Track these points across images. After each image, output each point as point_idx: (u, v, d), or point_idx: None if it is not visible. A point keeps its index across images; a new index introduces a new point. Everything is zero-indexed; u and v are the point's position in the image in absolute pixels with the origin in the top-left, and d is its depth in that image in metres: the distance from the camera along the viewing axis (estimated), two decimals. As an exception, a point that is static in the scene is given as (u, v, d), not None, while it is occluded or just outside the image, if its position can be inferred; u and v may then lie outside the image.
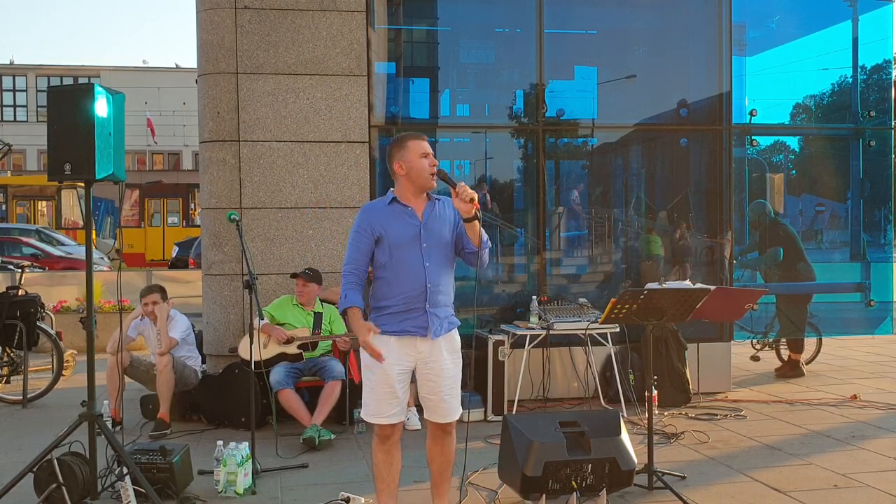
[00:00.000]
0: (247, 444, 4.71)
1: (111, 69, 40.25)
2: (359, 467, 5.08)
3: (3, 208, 25.52)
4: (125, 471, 4.23)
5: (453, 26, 8.09)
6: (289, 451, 5.35)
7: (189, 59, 71.23)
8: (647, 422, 4.79)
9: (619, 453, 4.11)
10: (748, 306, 5.53)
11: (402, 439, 3.85)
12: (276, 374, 5.79)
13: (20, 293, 7.24)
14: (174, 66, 41.77)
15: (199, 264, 12.04)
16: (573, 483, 4.02)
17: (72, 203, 24.83)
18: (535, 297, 6.69)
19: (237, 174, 6.49)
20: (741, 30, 7.97)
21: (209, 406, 6.20)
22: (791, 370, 7.98)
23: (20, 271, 7.81)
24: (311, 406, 5.80)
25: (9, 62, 41.60)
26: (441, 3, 7.80)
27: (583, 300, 6.91)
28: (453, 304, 3.80)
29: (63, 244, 21.12)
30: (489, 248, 3.75)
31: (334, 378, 5.85)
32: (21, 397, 7.05)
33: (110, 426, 5.40)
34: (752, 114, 7.65)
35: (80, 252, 19.48)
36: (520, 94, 7.87)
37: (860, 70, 8.54)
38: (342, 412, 6.00)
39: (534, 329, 6.46)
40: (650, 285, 5.06)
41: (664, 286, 4.95)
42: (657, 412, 6.21)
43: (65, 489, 4.19)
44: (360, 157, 6.64)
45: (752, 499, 4.46)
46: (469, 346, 5.83)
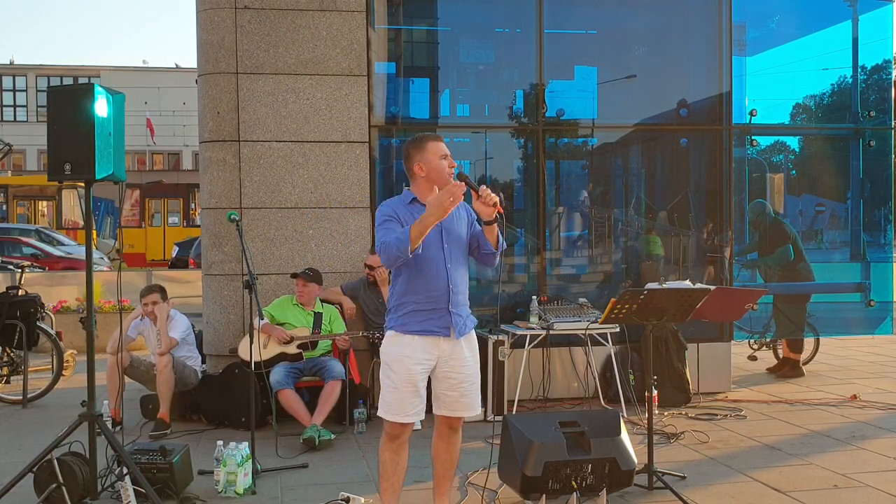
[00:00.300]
0: (247, 444, 4.71)
1: (111, 69, 40.26)
2: (359, 467, 5.08)
3: (4, 208, 25.53)
4: (125, 471, 4.23)
5: (453, 26, 8.08)
6: (289, 451, 5.35)
7: (189, 59, 71.34)
8: (647, 422, 4.80)
9: (619, 453, 4.11)
10: (748, 306, 5.53)
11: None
12: (276, 374, 5.79)
13: (20, 293, 7.24)
14: (174, 66, 41.79)
15: (199, 264, 12.03)
16: (573, 483, 4.02)
17: (72, 203, 24.83)
18: (535, 297, 6.70)
19: (237, 174, 6.49)
20: (741, 30, 7.96)
21: (209, 406, 6.20)
22: (790, 370, 7.98)
23: (20, 271, 7.81)
24: (311, 406, 5.80)
25: (9, 62, 41.61)
26: (441, 3, 7.80)
27: (583, 300, 6.91)
28: None
29: (63, 244, 21.11)
30: (504, 249, 3.78)
31: (334, 378, 5.85)
32: (21, 397, 7.05)
33: (110, 426, 5.40)
34: (752, 114, 7.64)
35: (80, 252, 19.47)
36: (520, 94, 7.87)
37: (860, 70, 8.54)
38: (342, 412, 6.00)
39: (534, 329, 6.46)
40: (650, 285, 5.06)
41: (664, 286, 4.95)
42: (657, 412, 6.21)
43: (65, 489, 4.19)
44: (360, 158, 6.64)
45: (752, 499, 4.45)
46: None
